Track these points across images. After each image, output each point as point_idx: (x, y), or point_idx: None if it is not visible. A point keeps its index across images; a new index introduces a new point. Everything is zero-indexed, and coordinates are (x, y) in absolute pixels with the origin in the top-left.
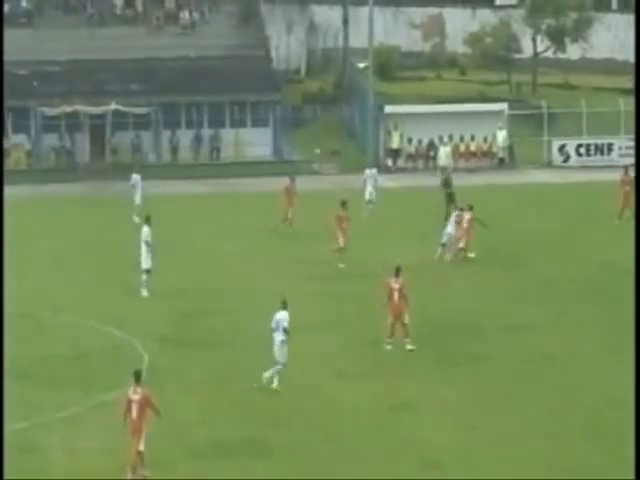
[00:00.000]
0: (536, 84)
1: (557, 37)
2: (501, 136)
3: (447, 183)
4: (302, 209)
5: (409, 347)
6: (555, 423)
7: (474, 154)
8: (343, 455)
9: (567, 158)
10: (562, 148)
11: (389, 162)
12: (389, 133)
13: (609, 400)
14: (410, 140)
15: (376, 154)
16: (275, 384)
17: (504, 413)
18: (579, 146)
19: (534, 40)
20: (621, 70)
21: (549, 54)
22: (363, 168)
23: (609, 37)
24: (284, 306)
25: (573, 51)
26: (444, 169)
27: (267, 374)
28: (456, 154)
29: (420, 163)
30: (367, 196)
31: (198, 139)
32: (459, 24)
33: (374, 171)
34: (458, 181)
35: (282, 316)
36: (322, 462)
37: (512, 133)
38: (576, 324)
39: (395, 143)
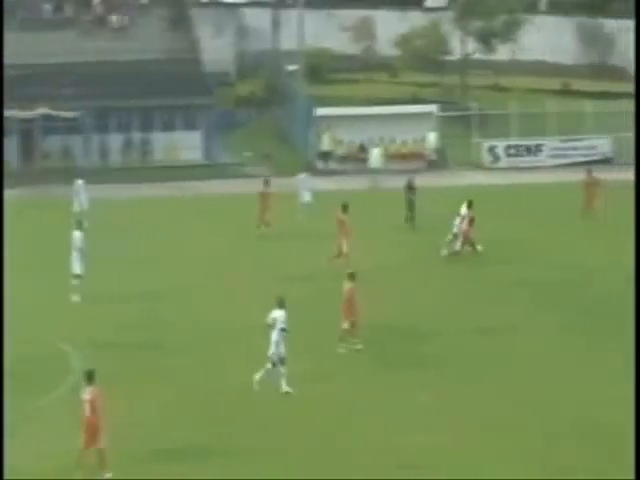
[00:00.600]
0: (467, 86)
1: (486, 39)
2: (431, 138)
3: (410, 187)
4: (235, 212)
5: (358, 347)
6: (511, 424)
7: (405, 156)
8: (305, 458)
9: (497, 159)
10: (492, 149)
11: (320, 164)
12: (320, 135)
13: (566, 399)
14: (341, 142)
15: (307, 157)
16: (284, 388)
17: (464, 416)
18: (509, 147)
19: (464, 42)
20: (551, 72)
21: (479, 56)
22: (295, 171)
23: (539, 39)
24: (281, 305)
25: (503, 53)
26: (411, 178)
27: (258, 376)
28: (387, 156)
29: (351, 165)
30: (302, 199)
31: (128, 143)
32: (389, 26)
33: (308, 175)
34: (390, 183)
35: (278, 315)
36: (276, 467)
37: (443, 134)
38: (537, 325)
39: (326, 145)
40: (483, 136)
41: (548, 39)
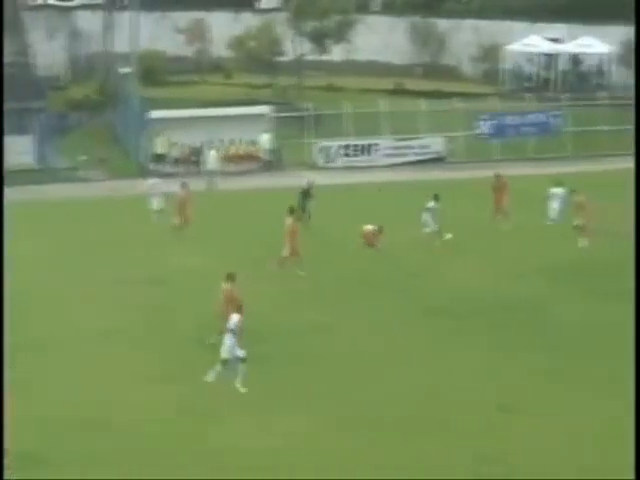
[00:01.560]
0: (301, 86)
1: (320, 39)
2: (265, 139)
3: (306, 194)
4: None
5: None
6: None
7: (240, 157)
8: (151, 463)
9: (331, 159)
10: (326, 149)
11: (154, 167)
12: (154, 138)
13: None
14: (175, 145)
15: (142, 159)
16: (239, 385)
17: (296, 412)
18: (343, 147)
19: (297, 42)
20: (384, 71)
21: (313, 56)
22: (129, 174)
23: (372, 39)
24: (238, 309)
25: (337, 53)
26: (309, 184)
27: (211, 375)
28: (223, 158)
29: (186, 167)
30: (152, 205)
31: None
32: (223, 28)
33: (157, 180)
34: (226, 185)
35: (234, 319)
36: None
37: (278, 136)
38: (367, 324)
39: (160, 148)
40: (318, 136)
41: (381, 39)
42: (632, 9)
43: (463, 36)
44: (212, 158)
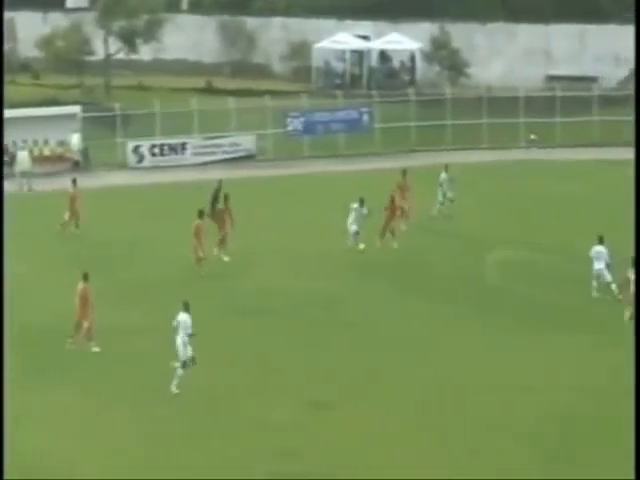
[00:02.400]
0: (110, 86)
1: (129, 39)
2: (75, 139)
3: (216, 198)
4: None
5: (95, 349)
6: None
7: (50, 158)
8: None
9: (142, 159)
10: (136, 149)
11: None
12: None
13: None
14: None
15: None
16: (173, 387)
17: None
18: (153, 146)
19: (106, 42)
20: (194, 70)
21: (123, 56)
22: None
23: (181, 38)
24: (186, 308)
25: (146, 53)
26: (219, 185)
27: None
28: (33, 159)
29: None
30: None
31: None
32: (31, 28)
33: None
34: (39, 186)
35: (183, 318)
36: None
37: (87, 136)
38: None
39: None
40: (127, 136)
41: (190, 38)
42: (437, 6)
43: (272, 34)
44: (23, 159)
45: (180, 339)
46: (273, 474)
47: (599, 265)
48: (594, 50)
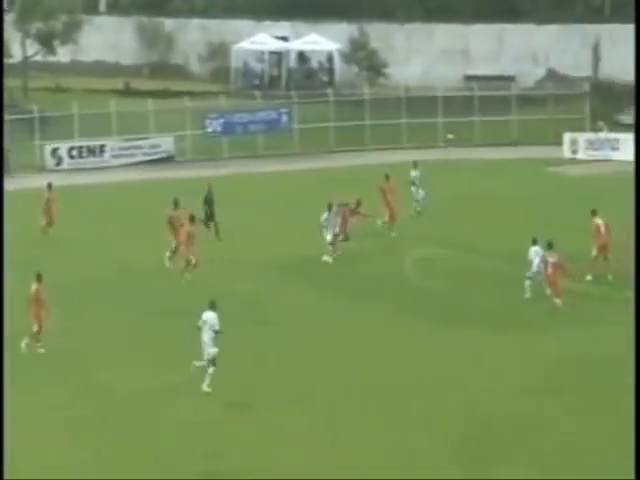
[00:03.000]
0: (28, 88)
1: (47, 40)
2: None
3: (209, 200)
4: None
5: (40, 350)
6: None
7: None
8: None
9: (60, 161)
10: (55, 151)
11: None
12: None
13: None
14: None
15: None
16: (205, 386)
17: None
18: (71, 149)
19: (24, 44)
20: (112, 72)
21: (39, 58)
22: None
23: (99, 39)
24: (212, 307)
25: (64, 54)
26: (210, 188)
27: (198, 364)
28: None
29: None
30: None
31: None
32: None
33: None
34: None
35: (209, 316)
36: None
37: (5, 139)
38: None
39: None
40: (46, 138)
41: (108, 39)
42: (356, 7)
43: (191, 35)
44: None
45: (207, 337)
46: (200, 474)
47: (538, 268)
48: (512, 50)
